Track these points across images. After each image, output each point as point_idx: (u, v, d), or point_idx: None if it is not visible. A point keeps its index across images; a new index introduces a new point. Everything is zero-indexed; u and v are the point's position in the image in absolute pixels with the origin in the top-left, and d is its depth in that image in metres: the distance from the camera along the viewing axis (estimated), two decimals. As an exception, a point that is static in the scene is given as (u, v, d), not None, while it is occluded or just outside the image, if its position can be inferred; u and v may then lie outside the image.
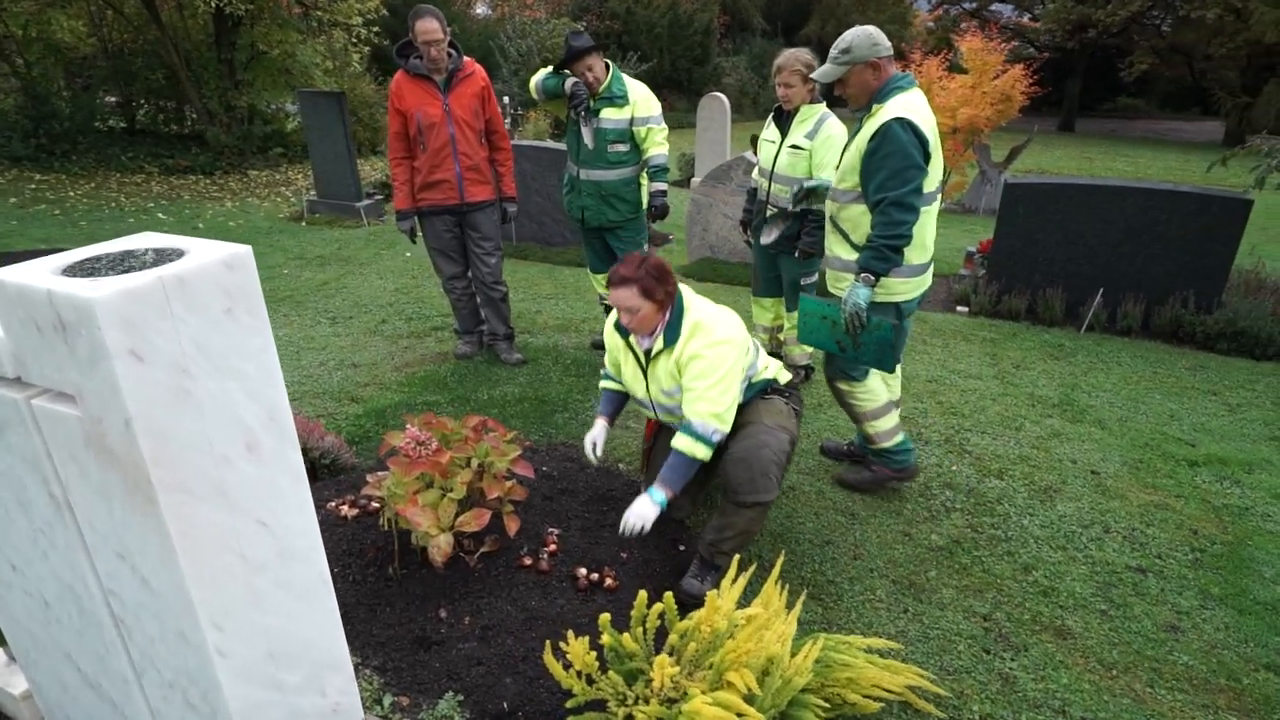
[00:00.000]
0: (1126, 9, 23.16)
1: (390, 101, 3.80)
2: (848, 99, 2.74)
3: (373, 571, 2.36)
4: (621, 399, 2.76)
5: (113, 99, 11.94)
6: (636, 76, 4.32)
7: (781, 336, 4.25)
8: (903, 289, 2.78)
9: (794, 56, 3.55)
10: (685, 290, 2.43)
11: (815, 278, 3.86)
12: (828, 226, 2.96)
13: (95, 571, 1.37)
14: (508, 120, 13.27)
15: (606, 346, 2.70)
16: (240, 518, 1.32)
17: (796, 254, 3.65)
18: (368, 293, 5.53)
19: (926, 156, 2.56)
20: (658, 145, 3.88)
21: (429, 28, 3.56)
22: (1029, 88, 9.79)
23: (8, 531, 1.44)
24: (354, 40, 12.05)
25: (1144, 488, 3.12)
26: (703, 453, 2.26)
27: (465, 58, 3.78)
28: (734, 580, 1.95)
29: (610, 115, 3.82)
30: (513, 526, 2.27)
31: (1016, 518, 2.88)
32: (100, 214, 7.83)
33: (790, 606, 2.03)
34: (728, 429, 2.29)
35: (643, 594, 1.84)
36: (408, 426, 2.39)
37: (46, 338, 1.12)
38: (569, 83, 3.80)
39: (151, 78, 11.46)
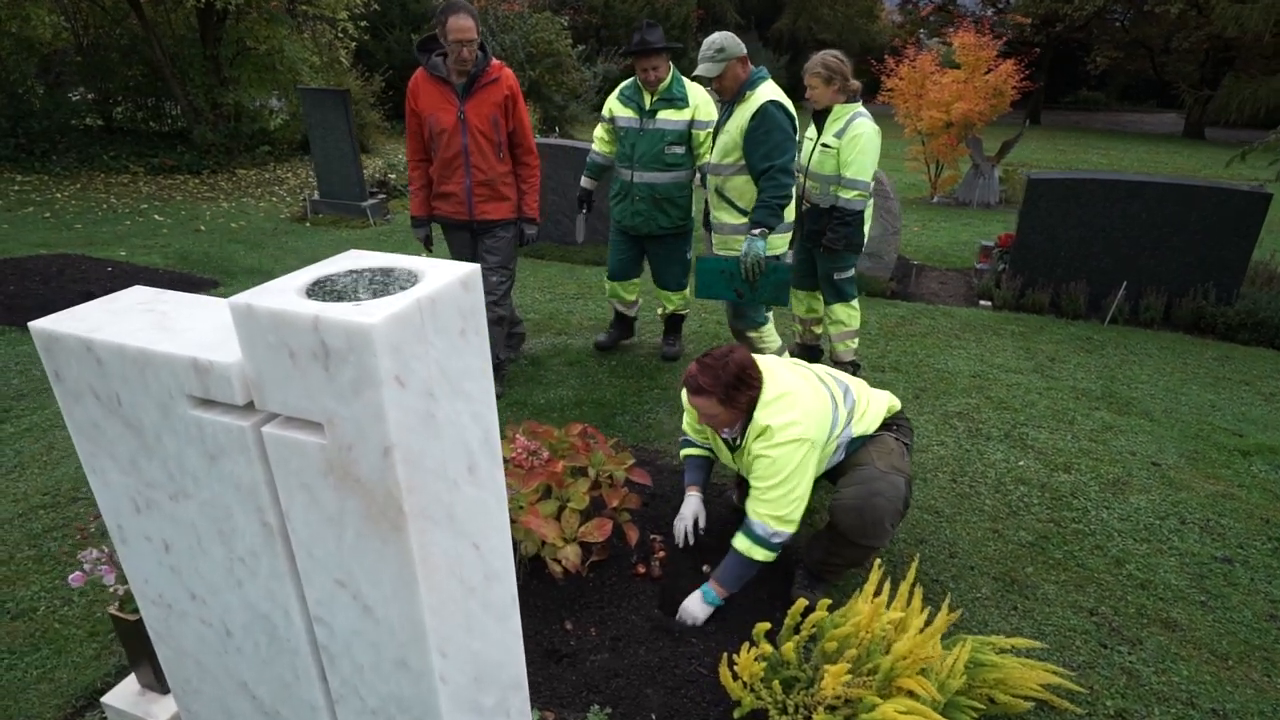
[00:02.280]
0: (1093, 3, 23.65)
1: (407, 100, 3.53)
2: (721, 91, 3.24)
3: (486, 584, 2.33)
4: (709, 463, 2.62)
5: (89, 96, 11.55)
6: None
7: (817, 330, 4.28)
8: (780, 242, 3.42)
9: (818, 60, 3.70)
10: (766, 374, 2.24)
11: (850, 273, 3.85)
12: (712, 198, 3.43)
13: (302, 600, 1.33)
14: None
15: (687, 411, 2.55)
16: (461, 541, 1.29)
17: (821, 248, 3.75)
18: (392, 295, 5.42)
19: (795, 130, 3.21)
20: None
21: (463, 25, 3.25)
22: (1020, 82, 9.97)
23: (196, 561, 1.39)
24: (339, 35, 11.82)
25: (1206, 478, 3.20)
26: (761, 555, 2.16)
27: (494, 60, 3.48)
28: (878, 587, 1.96)
29: (669, 117, 3.76)
30: (633, 536, 2.26)
31: (1094, 511, 2.94)
32: (93, 216, 7.59)
33: (913, 606, 2.05)
34: (793, 529, 2.16)
35: (801, 601, 1.84)
36: (515, 435, 2.35)
37: (300, 364, 1.08)
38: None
39: (129, 74, 11.12)
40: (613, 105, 3.96)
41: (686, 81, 3.83)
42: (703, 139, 3.81)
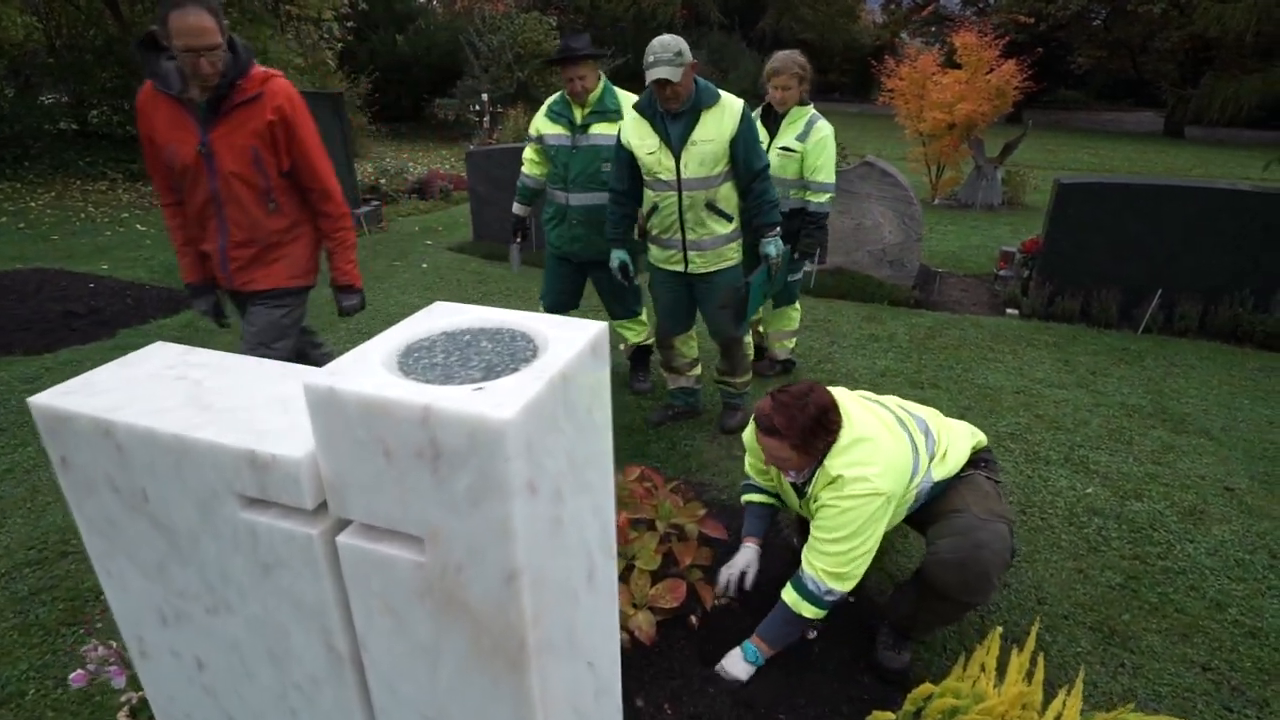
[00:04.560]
0: (1076, 2, 23.71)
1: (138, 123, 2.43)
2: (672, 97, 2.87)
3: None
4: (773, 513, 2.37)
5: (63, 99, 11.11)
6: (610, 73, 3.90)
7: (762, 329, 4.17)
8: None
9: (790, 59, 3.58)
10: (846, 418, 1.99)
11: (800, 276, 3.94)
12: (702, 213, 3.09)
13: (375, 737, 1.07)
14: (484, 119, 12.64)
15: (750, 451, 2.33)
16: (577, 663, 1.04)
17: (795, 255, 3.68)
18: (395, 309, 5.16)
19: None
20: None
21: (193, 24, 2.16)
22: (1022, 83, 9.84)
23: (237, 684, 1.13)
24: (324, 35, 11.46)
25: (1284, 504, 3.02)
26: (809, 612, 1.95)
27: (256, 67, 2.40)
28: (996, 657, 1.73)
29: (603, 130, 3.33)
30: (707, 597, 2.01)
31: (1179, 545, 2.73)
32: (71, 226, 7.21)
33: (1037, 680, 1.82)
34: (849, 587, 1.94)
35: (926, 685, 1.61)
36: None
37: (397, 466, 0.83)
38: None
39: (105, 76, 10.69)
40: (539, 123, 3.47)
41: (619, 92, 3.45)
42: None
